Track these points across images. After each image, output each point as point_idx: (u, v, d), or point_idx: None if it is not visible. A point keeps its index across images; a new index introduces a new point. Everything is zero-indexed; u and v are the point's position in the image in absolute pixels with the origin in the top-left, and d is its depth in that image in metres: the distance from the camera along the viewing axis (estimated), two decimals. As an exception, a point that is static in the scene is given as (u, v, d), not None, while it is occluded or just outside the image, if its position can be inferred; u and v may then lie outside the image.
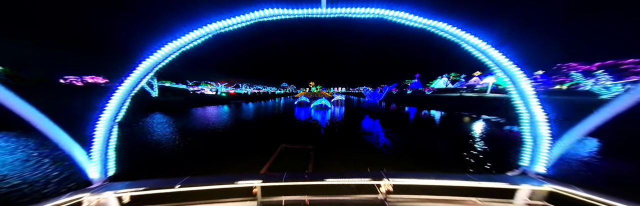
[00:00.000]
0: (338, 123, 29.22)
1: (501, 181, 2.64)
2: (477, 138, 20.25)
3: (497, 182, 2.65)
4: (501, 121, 30.11)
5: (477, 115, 35.81)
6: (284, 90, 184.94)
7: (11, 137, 17.27)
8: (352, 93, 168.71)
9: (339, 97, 62.35)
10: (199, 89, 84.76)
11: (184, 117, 34.47)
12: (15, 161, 12.31)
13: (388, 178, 2.78)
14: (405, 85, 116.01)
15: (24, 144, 15.47)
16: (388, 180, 2.78)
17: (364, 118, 34.62)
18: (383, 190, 3.02)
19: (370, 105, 48.41)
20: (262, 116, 37.94)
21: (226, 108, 50.00)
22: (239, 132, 23.00)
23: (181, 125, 26.31)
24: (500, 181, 2.64)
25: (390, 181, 2.79)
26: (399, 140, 19.28)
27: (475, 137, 21.15)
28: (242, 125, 27.10)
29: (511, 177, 2.74)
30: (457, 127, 27.90)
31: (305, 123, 28.37)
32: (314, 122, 29.03)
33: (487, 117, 33.02)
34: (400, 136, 21.14)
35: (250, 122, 30.27)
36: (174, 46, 2.38)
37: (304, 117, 33.95)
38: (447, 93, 68.37)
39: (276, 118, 35.55)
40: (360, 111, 45.17)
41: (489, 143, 18.05)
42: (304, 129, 24.51)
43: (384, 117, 35.96)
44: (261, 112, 43.58)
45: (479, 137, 21.15)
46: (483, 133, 23.23)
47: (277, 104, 66.62)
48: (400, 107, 56.87)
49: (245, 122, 30.73)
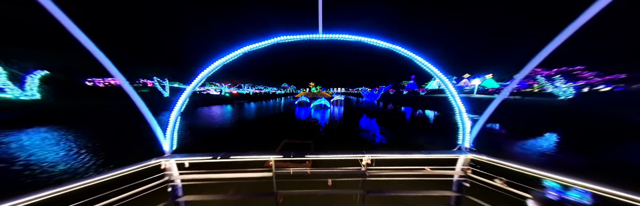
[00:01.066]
0: (336, 122, 30.32)
1: (444, 154, 3.75)
2: (450, 132, 21.89)
3: (442, 154, 3.75)
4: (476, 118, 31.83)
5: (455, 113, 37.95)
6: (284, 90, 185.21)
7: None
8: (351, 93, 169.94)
9: (338, 97, 63.47)
10: (205, 90, 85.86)
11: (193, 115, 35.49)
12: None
13: (366, 154, 3.86)
14: (402, 86, 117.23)
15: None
16: (367, 156, 3.85)
17: (362, 117, 35.69)
18: (364, 163, 4.07)
19: (367, 104, 49.58)
20: (263, 115, 39.02)
21: (229, 108, 50.98)
22: (243, 129, 24.07)
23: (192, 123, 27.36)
24: (444, 154, 3.75)
25: (368, 156, 3.86)
26: (392, 136, 20.50)
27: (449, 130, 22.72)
28: (246, 124, 28.18)
29: (451, 151, 3.82)
30: (439, 123, 30.67)
31: (305, 122, 29.41)
32: (314, 120, 30.07)
33: (470, 115, 35.02)
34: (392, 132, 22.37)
35: (253, 121, 31.34)
36: (220, 61, 3.47)
37: (304, 116, 34.93)
38: (439, 94, 70.38)
39: (278, 117, 36.65)
40: (358, 110, 46.23)
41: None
42: (304, 127, 25.58)
43: (380, 116, 37.02)
44: (263, 112, 44.61)
45: (450, 130, 22.86)
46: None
47: (278, 104, 67.63)
48: (397, 107, 57.94)
49: (248, 120, 31.81)
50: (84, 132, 19.81)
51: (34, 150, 14.29)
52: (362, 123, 29.49)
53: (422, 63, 3.52)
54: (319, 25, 3.47)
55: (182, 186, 3.67)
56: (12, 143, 15.99)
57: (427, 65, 3.52)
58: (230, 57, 3.38)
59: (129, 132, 19.82)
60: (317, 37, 3.41)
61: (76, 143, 16.28)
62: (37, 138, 17.51)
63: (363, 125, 27.81)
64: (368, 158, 3.87)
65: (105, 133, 19.72)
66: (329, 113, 40.62)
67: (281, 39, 3.33)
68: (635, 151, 15.28)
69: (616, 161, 13.27)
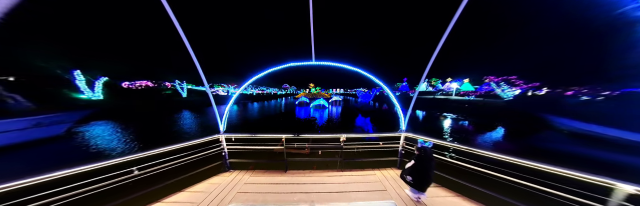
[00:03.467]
0: (333, 120, 32.43)
1: (391, 133, 5.86)
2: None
3: (390, 134, 5.86)
4: (454, 116, 37.04)
5: (440, 113, 42.60)
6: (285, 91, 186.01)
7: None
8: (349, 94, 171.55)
9: (336, 97, 65.54)
10: (215, 91, 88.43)
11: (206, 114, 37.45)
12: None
13: (343, 134, 5.97)
14: (395, 88, 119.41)
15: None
16: (343, 135, 5.96)
17: (358, 116, 37.79)
18: (341, 140, 6.11)
19: (362, 104, 51.72)
20: (265, 114, 41.03)
21: (235, 107, 52.90)
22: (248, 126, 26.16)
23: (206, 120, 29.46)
24: (391, 133, 5.87)
25: (344, 135, 5.96)
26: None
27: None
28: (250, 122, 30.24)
29: (395, 132, 5.93)
30: (416, 119, 36.27)
31: (305, 121, 31.47)
32: (313, 119, 32.14)
33: (446, 114, 40.04)
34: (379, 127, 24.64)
35: (256, 120, 33.36)
36: (256, 77, 5.63)
37: (304, 116, 36.92)
38: (427, 95, 74.97)
39: (280, 116, 38.69)
40: (354, 110, 48.35)
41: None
42: (304, 124, 27.68)
43: (373, 114, 39.14)
44: (265, 111, 46.58)
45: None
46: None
47: (279, 104, 69.60)
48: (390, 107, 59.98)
49: (251, 119, 33.84)
50: (145, 124, 24.82)
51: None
52: (355, 120, 31.65)
53: (371, 78, 5.67)
54: (312, 53, 5.59)
55: (228, 152, 5.75)
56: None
57: (374, 78, 5.66)
58: (264, 73, 5.54)
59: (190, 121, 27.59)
60: (311, 63, 5.49)
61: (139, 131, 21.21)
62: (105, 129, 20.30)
63: (357, 122, 29.95)
64: (344, 137, 5.98)
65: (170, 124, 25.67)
66: (327, 113, 42.68)
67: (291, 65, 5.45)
68: (535, 137, 20.56)
69: (529, 143, 18.23)
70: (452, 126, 27.97)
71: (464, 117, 36.11)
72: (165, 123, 27.01)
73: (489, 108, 41.60)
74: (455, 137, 21.21)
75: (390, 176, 5.12)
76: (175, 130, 22.63)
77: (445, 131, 24.15)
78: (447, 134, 22.38)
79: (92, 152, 13.89)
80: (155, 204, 3.82)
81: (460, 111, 42.47)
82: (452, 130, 24.64)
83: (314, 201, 3.93)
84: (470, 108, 44.98)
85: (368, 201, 4.00)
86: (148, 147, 4.14)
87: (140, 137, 18.50)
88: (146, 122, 26.50)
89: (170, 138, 18.73)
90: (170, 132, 21.57)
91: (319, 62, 5.43)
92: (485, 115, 34.97)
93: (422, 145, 3.87)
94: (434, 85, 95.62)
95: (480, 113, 37.50)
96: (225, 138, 5.67)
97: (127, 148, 14.94)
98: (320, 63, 5.44)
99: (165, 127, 24.12)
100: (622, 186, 2.67)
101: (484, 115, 35.16)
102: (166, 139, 17.49)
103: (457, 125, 28.86)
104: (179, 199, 4.07)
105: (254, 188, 4.52)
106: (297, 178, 5.02)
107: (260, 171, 5.48)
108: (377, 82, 5.68)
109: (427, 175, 3.67)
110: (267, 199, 4.05)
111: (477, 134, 22.56)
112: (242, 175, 5.18)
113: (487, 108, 42.56)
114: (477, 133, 23.19)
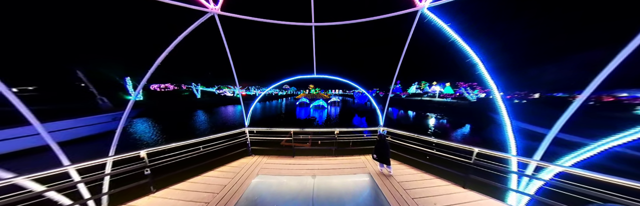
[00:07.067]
0: (331, 119, 33.94)
1: (373, 127, 7.40)
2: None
3: (372, 128, 7.40)
4: (436, 116, 40.92)
5: (424, 113, 46.44)
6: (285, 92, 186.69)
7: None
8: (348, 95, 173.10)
9: (335, 98, 66.99)
10: (223, 92, 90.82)
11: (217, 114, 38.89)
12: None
13: (337, 128, 7.50)
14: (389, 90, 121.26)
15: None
16: (337, 129, 7.48)
17: (354, 116, 39.26)
18: (335, 133, 7.59)
19: (358, 105, 53.26)
20: (267, 114, 42.47)
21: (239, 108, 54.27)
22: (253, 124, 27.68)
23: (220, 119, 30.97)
24: (373, 127, 7.40)
25: (338, 129, 7.49)
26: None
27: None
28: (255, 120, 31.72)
29: (375, 127, 7.47)
30: (403, 118, 40.43)
31: (305, 120, 32.93)
32: (313, 118, 33.61)
33: (429, 113, 46.31)
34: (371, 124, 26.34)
35: (260, 119, 34.82)
36: (272, 87, 7.15)
37: (305, 116, 38.30)
38: (417, 97, 79.93)
39: (281, 115, 40.13)
40: (351, 110, 49.83)
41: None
42: (304, 123, 29.17)
43: (368, 115, 40.65)
44: (267, 111, 47.93)
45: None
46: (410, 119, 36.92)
47: (280, 104, 70.95)
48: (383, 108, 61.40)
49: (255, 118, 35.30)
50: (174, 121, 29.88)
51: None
52: (350, 119, 33.18)
53: (353, 85, 7.21)
54: (313, 68, 7.12)
55: (251, 141, 7.26)
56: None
57: (356, 85, 7.21)
58: (283, 82, 7.08)
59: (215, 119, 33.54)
60: (313, 76, 7.03)
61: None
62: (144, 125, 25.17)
63: (353, 121, 31.47)
64: (337, 130, 7.50)
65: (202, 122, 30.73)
66: (326, 113, 44.16)
67: (298, 77, 6.98)
68: (484, 133, 24.41)
69: (482, 136, 22.85)
70: (433, 124, 32.50)
71: (441, 116, 40.91)
72: (197, 119, 33.48)
73: (460, 109, 47.54)
74: (436, 132, 25.47)
75: (371, 159, 6.64)
76: (210, 123, 28.82)
77: (429, 127, 28.39)
78: (430, 130, 26.71)
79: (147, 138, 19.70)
80: (203, 174, 5.36)
81: (440, 111, 48.08)
82: (434, 127, 29.51)
83: (315, 174, 5.45)
84: (446, 108, 51.24)
85: (352, 174, 5.53)
86: (194, 135, 5.78)
87: (180, 129, 23.96)
88: (181, 118, 32.92)
89: (203, 130, 24.85)
90: (208, 124, 27.84)
91: (320, 75, 6.93)
92: (457, 114, 40.81)
93: (380, 133, 5.44)
94: (422, 88, 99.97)
95: (454, 113, 43.56)
96: (248, 130, 7.18)
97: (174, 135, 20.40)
98: (320, 76, 6.95)
99: (199, 122, 30.00)
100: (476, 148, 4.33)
101: (456, 114, 40.95)
102: (202, 131, 24.49)
103: (438, 122, 33.48)
104: (217, 174, 5.58)
105: (271, 166, 6.04)
106: (303, 161, 6.52)
107: (274, 156, 6.98)
108: (362, 90, 7.22)
109: (385, 152, 5.24)
110: (282, 173, 5.57)
111: (450, 129, 27.25)
112: (262, 158, 6.70)
113: (459, 108, 48.70)
114: (451, 129, 27.86)
